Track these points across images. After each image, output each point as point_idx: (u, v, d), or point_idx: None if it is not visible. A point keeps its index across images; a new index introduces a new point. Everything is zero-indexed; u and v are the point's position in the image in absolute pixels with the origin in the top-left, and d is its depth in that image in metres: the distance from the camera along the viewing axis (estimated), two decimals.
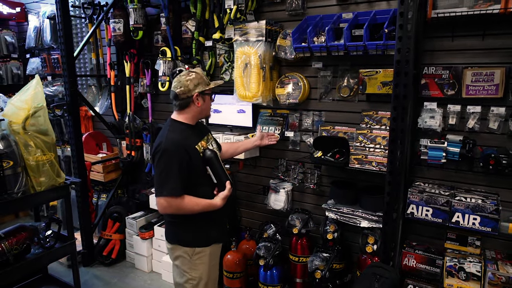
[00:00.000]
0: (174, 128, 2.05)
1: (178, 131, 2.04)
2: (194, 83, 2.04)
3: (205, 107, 2.14)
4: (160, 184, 1.95)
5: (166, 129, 2.06)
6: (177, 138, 2.00)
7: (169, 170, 1.94)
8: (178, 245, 2.11)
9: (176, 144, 1.97)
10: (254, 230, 3.26)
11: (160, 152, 1.95)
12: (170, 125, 2.08)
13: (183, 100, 2.04)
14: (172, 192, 1.94)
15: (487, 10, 2.01)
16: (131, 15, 3.29)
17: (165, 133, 2.03)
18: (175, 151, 1.95)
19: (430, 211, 2.22)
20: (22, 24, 4.87)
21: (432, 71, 2.33)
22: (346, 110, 2.72)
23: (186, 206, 1.99)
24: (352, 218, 2.54)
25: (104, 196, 4.15)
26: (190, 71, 2.09)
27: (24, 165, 2.48)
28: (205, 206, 2.03)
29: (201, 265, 2.12)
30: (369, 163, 2.41)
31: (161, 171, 1.95)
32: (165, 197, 1.95)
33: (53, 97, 4.35)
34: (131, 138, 3.64)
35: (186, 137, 2.04)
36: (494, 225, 2.06)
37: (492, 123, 2.25)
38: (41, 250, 2.69)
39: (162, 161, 1.95)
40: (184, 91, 2.03)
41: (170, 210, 2.00)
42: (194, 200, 2.01)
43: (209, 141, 2.21)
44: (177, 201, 1.96)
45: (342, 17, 2.53)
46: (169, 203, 1.96)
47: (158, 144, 1.99)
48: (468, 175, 2.36)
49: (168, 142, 1.97)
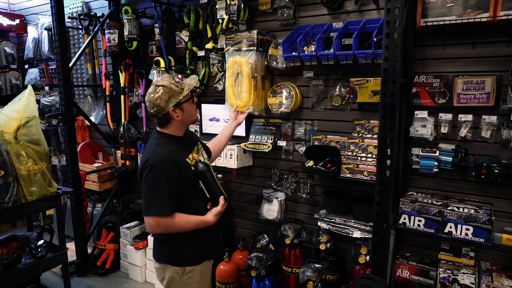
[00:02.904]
0: (161, 142, 1.93)
1: (166, 144, 1.92)
2: (164, 98, 1.87)
3: (187, 116, 1.98)
4: (148, 203, 1.84)
5: (153, 143, 1.93)
6: (165, 152, 1.88)
7: (158, 187, 1.82)
8: (168, 264, 1.99)
9: (165, 158, 1.85)
10: (247, 240, 3.23)
11: (148, 168, 1.83)
12: (157, 138, 1.96)
13: (160, 118, 1.93)
14: (161, 211, 1.82)
15: (475, 18, 2.00)
16: (125, 25, 3.32)
17: (151, 148, 1.91)
18: (164, 167, 1.83)
19: (422, 221, 2.19)
20: (22, 36, 4.93)
21: (423, 80, 2.32)
22: (338, 119, 2.71)
23: (177, 224, 1.87)
24: (344, 228, 2.50)
25: (99, 205, 4.14)
26: (157, 86, 1.90)
27: (16, 174, 2.47)
28: (197, 223, 1.92)
29: (192, 284, 2.00)
30: (361, 172, 2.38)
31: (148, 188, 1.84)
32: (154, 217, 1.83)
33: (50, 107, 4.39)
34: (125, 148, 3.64)
35: (175, 150, 1.93)
36: (487, 235, 2.03)
37: (485, 132, 2.23)
38: (32, 260, 2.67)
39: (149, 178, 1.84)
40: (157, 111, 1.89)
41: (159, 230, 1.90)
42: (185, 217, 1.89)
43: (199, 151, 2.10)
44: (167, 220, 1.84)
45: (332, 26, 2.53)
46: (158, 223, 1.84)
47: (146, 160, 1.87)
48: (461, 185, 2.33)
49: (156, 157, 1.85)
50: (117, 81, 3.70)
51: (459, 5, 2.06)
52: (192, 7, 3.13)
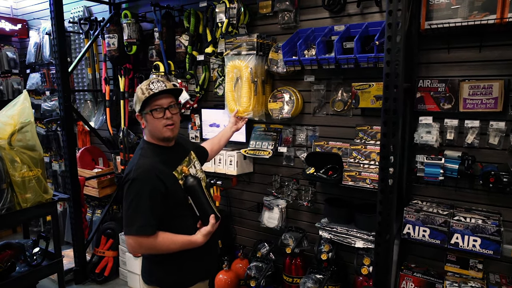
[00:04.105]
0: (146, 152, 1.78)
1: (151, 155, 1.76)
2: (135, 101, 1.79)
3: (151, 128, 1.78)
4: (128, 221, 1.67)
5: (138, 153, 1.79)
6: (149, 164, 1.71)
7: (139, 203, 1.65)
8: (157, 287, 1.83)
9: (148, 171, 1.68)
10: (248, 248, 3.15)
11: (129, 182, 1.68)
12: (142, 149, 1.81)
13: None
14: (142, 230, 1.64)
15: (482, 20, 1.92)
16: (125, 30, 3.28)
17: (135, 159, 1.76)
18: (146, 181, 1.67)
19: (428, 232, 2.10)
20: (24, 40, 4.92)
21: (427, 84, 2.24)
22: (340, 124, 2.63)
23: (161, 245, 1.69)
24: (346, 237, 2.42)
25: (99, 211, 4.09)
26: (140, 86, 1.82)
27: (10, 181, 2.43)
28: (184, 244, 1.73)
29: None
30: (363, 180, 2.30)
31: (129, 205, 1.67)
32: (134, 236, 1.66)
33: (51, 111, 4.36)
34: (125, 153, 3.59)
35: (161, 161, 1.75)
36: (496, 247, 1.93)
37: (492, 138, 2.14)
38: (27, 268, 2.63)
39: (130, 193, 1.67)
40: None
41: (141, 250, 1.74)
42: (170, 237, 1.71)
43: (191, 163, 1.93)
44: (149, 240, 1.66)
45: (334, 29, 2.46)
46: (139, 243, 1.67)
47: (127, 173, 1.71)
48: (468, 193, 2.24)
49: (138, 169, 1.68)
50: (117, 86, 3.66)
51: (464, 7, 1.98)
52: (192, 11, 3.08)
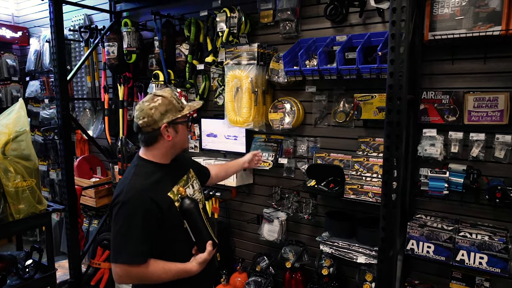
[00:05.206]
0: (140, 170, 1.63)
1: (145, 174, 1.62)
2: (160, 111, 1.61)
3: (179, 140, 1.69)
4: (116, 248, 1.53)
5: (131, 171, 1.64)
6: (142, 184, 1.57)
7: (129, 229, 1.51)
8: None
9: (140, 193, 1.55)
10: (247, 261, 3.07)
11: (119, 205, 1.54)
12: (136, 166, 1.66)
13: (148, 133, 1.63)
14: (131, 259, 1.51)
15: (487, 32, 1.88)
16: (124, 38, 3.25)
17: (127, 178, 1.61)
18: (138, 204, 1.53)
19: (432, 248, 2.03)
20: (25, 48, 4.91)
21: (431, 96, 2.20)
22: (342, 136, 2.58)
23: (151, 275, 1.55)
24: (348, 252, 2.35)
25: (95, 222, 4.02)
26: (156, 95, 1.65)
27: (3, 191, 2.36)
28: (177, 273, 1.61)
29: None
30: (365, 193, 2.24)
31: (118, 230, 1.53)
32: (122, 265, 1.51)
33: (50, 119, 4.32)
34: (123, 163, 3.54)
35: (156, 182, 1.61)
36: (504, 265, 1.86)
37: (498, 152, 2.09)
38: (18, 282, 2.54)
39: (120, 217, 1.54)
40: (148, 123, 1.61)
41: (129, 280, 1.58)
42: (162, 266, 1.58)
43: (189, 182, 1.80)
44: (139, 269, 1.52)
45: (336, 39, 2.43)
46: (127, 273, 1.52)
47: (118, 194, 1.57)
48: (473, 208, 2.17)
49: (130, 191, 1.55)
50: (117, 94, 3.63)
51: (469, 18, 1.94)
52: (192, 20, 3.05)
